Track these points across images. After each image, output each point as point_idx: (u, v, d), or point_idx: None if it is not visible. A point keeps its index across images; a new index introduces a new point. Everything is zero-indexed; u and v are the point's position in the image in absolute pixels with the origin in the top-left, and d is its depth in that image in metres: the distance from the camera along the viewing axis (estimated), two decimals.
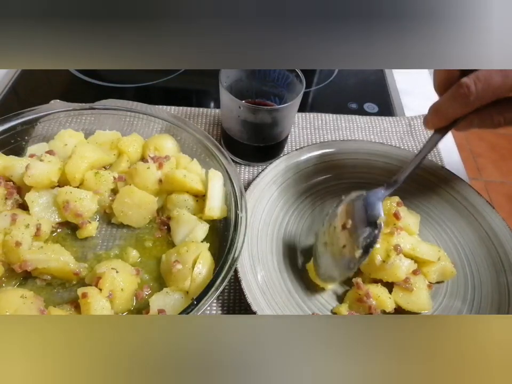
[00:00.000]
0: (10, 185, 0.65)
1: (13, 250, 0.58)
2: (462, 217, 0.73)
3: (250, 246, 0.64)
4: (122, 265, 0.60)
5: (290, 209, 0.74)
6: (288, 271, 0.66)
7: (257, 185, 0.71)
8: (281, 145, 0.82)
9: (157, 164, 0.68)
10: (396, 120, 0.95)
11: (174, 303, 0.56)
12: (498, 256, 0.67)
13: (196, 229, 0.64)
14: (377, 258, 0.61)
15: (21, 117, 0.70)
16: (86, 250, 0.65)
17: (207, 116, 0.91)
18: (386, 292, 0.61)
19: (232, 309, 0.62)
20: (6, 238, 0.59)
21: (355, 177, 0.79)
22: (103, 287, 0.55)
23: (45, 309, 0.54)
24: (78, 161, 0.67)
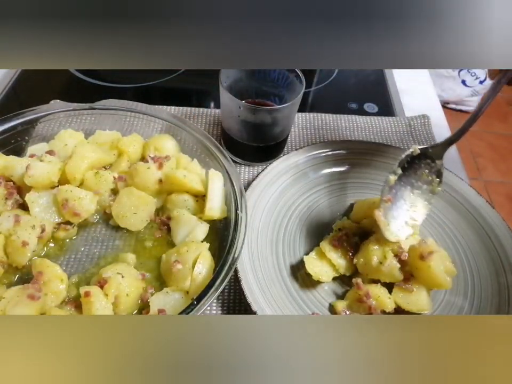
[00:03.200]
0: (10, 185, 0.65)
1: (19, 250, 0.58)
2: (462, 217, 0.73)
3: (250, 246, 0.64)
4: (128, 269, 0.60)
5: (290, 209, 0.74)
6: (287, 271, 0.66)
7: (257, 185, 0.71)
8: (281, 145, 0.82)
9: (157, 164, 0.68)
10: (396, 120, 0.95)
11: (174, 303, 0.56)
12: (498, 256, 0.67)
13: (196, 229, 0.64)
14: (374, 260, 0.61)
15: (21, 117, 0.70)
16: (85, 250, 0.65)
17: (207, 116, 0.91)
18: (386, 292, 0.61)
19: (232, 309, 0.62)
20: (12, 238, 0.59)
21: (355, 177, 0.79)
22: (109, 293, 0.55)
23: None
24: (78, 161, 0.67)
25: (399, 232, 0.63)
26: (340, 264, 0.64)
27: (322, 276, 0.63)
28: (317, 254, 0.65)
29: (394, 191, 0.64)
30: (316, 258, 0.65)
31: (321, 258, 0.64)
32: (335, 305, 0.62)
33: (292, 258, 0.68)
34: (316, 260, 0.64)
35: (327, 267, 0.64)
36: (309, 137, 0.90)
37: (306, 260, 0.63)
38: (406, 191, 0.65)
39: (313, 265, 0.63)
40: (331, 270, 0.64)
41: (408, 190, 0.65)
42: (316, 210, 0.75)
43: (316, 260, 0.64)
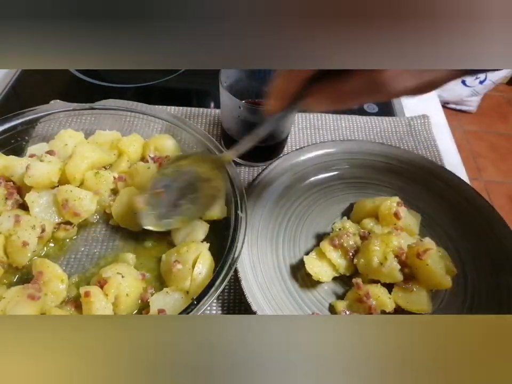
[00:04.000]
0: (10, 186, 0.65)
1: (19, 250, 0.58)
2: (462, 217, 0.73)
3: (250, 246, 0.64)
4: (128, 269, 0.60)
5: (290, 209, 0.74)
6: (287, 271, 0.66)
7: (257, 185, 0.71)
8: (281, 145, 0.82)
9: (157, 164, 0.68)
10: (396, 120, 0.96)
11: (174, 303, 0.56)
12: (498, 256, 0.67)
13: (196, 229, 0.64)
14: (374, 261, 0.61)
15: (21, 117, 0.70)
16: (85, 250, 0.65)
17: (207, 116, 0.91)
18: (386, 292, 0.61)
19: (232, 309, 0.62)
20: (12, 238, 0.59)
21: (355, 177, 0.79)
22: (109, 293, 0.55)
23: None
24: (78, 161, 0.67)
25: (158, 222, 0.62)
26: (340, 264, 0.64)
27: (322, 275, 0.63)
28: (317, 254, 0.65)
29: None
30: (316, 258, 0.65)
31: (321, 258, 0.64)
32: (335, 305, 0.62)
33: (292, 258, 0.68)
34: (316, 259, 0.64)
35: (327, 267, 0.64)
36: (309, 137, 0.90)
37: (306, 259, 0.63)
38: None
39: (313, 265, 0.63)
40: (331, 270, 0.64)
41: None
42: (316, 210, 0.75)
43: (315, 260, 0.64)
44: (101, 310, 0.54)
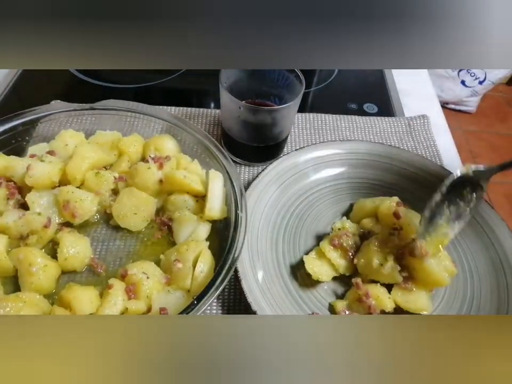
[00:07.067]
0: (11, 186, 0.65)
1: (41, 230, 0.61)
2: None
3: (250, 246, 0.64)
4: (153, 269, 0.60)
5: (290, 209, 0.74)
6: (287, 271, 0.66)
7: (257, 185, 0.71)
8: (281, 146, 0.82)
9: (157, 164, 0.68)
10: (395, 120, 0.96)
11: (176, 302, 0.57)
12: (498, 256, 0.67)
13: (198, 229, 0.64)
14: (374, 262, 0.61)
15: (21, 117, 0.70)
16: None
17: (207, 116, 0.91)
18: (386, 292, 0.61)
19: (232, 309, 0.62)
20: (33, 216, 0.61)
21: (355, 177, 0.79)
22: (139, 296, 0.57)
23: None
24: (79, 162, 0.67)
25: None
26: (340, 264, 0.64)
27: (322, 275, 0.63)
28: (317, 254, 0.65)
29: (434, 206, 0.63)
30: (316, 258, 0.65)
31: (321, 258, 0.64)
32: (335, 305, 0.62)
33: (292, 258, 0.68)
34: (316, 259, 0.65)
35: (326, 267, 0.64)
36: (309, 137, 0.90)
37: (306, 259, 0.63)
38: (444, 206, 0.64)
39: (313, 264, 0.63)
40: (331, 270, 0.64)
41: (445, 206, 0.64)
42: (315, 210, 0.75)
43: (315, 260, 0.64)
44: (112, 304, 0.55)
